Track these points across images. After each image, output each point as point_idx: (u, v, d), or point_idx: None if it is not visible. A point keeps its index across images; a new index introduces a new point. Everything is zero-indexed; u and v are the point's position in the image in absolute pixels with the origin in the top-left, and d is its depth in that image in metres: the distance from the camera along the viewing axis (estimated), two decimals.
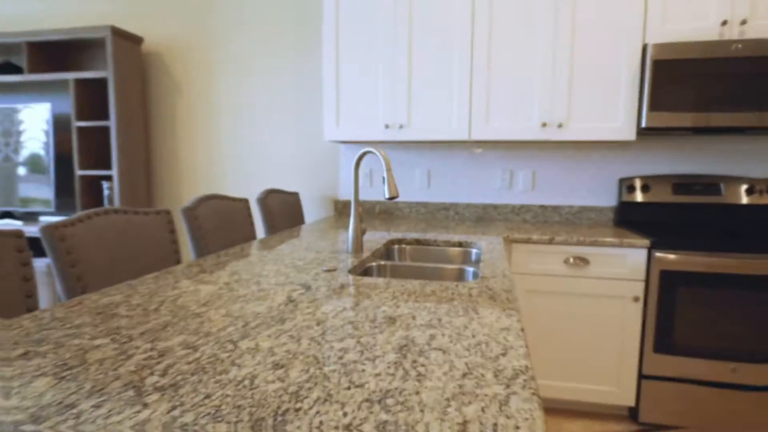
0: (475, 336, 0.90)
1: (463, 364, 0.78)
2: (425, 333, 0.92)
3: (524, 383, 0.71)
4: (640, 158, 2.64)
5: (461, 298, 1.14)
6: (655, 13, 2.26)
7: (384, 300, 1.13)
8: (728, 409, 2.10)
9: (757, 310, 2.04)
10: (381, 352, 0.83)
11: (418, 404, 0.65)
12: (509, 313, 1.04)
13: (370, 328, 0.94)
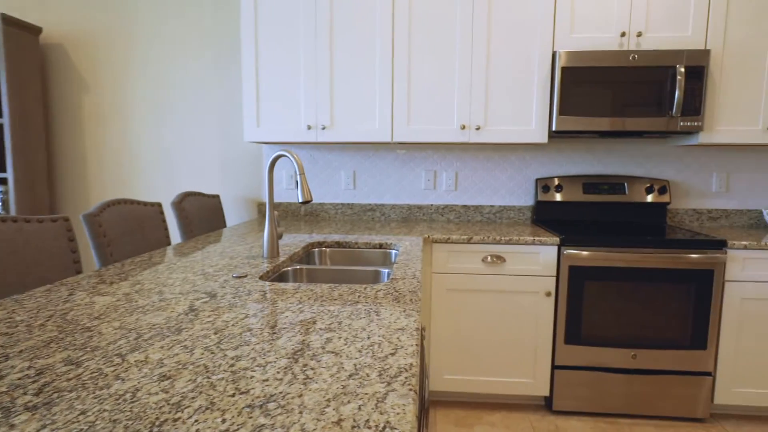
0: (370, 337, 0.92)
1: (352, 366, 0.79)
2: (322, 337, 0.93)
3: (405, 380, 0.74)
4: (554, 160, 2.80)
5: (366, 301, 1.16)
6: (563, 23, 2.40)
7: (289, 305, 1.13)
8: (630, 392, 2.27)
9: (653, 300, 2.22)
10: (274, 358, 0.83)
11: (298, 407, 0.66)
12: (409, 313, 1.07)
13: (268, 334, 0.94)
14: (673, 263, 2.19)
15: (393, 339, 0.92)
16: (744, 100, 2.39)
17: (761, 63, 2.37)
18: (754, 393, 2.26)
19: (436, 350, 2.33)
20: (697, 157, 2.75)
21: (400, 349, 0.87)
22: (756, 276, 2.20)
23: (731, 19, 2.35)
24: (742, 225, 2.75)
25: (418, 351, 0.88)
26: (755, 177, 2.75)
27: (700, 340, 2.23)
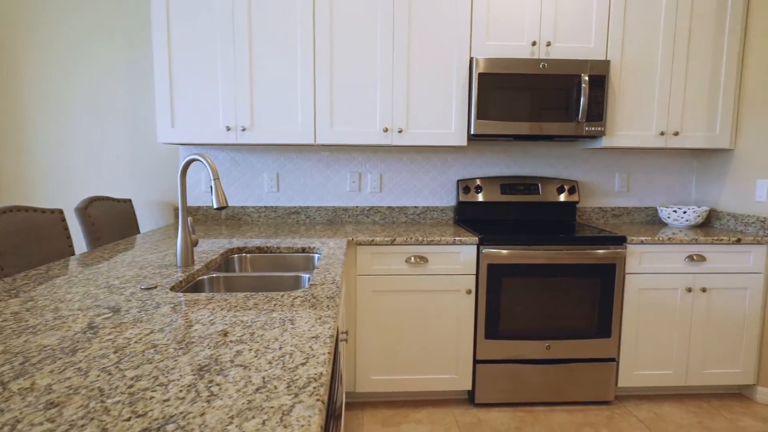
0: (282, 348, 0.91)
1: (260, 379, 0.78)
2: (232, 350, 0.90)
3: (313, 390, 0.73)
4: (474, 161, 2.90)
5: (282, 309, 1.14)
6: (479, 31, 2.49)
7: (200, 317, 1.08)
8: (546, 381, 2.41)
9: (564, 294, 2.37)
10: (178, 376, 0.79)
11: (199, 426, 0.64)
12: (324, 320, 1.06)
13: (174, 350, 0.90)
14: (581, 258, 2.35)
15: (306, 348, 0.91)
16: (639, 108, 2.61)
17: (653, 75, 2.60)
18: (651, 374, 2.48)
19: (363, 352, 2.34)
20: (601, 159, 2.97)
21: (311, 358, 0.86)
22: (651, 268, 2.41)
23: (627, 33, 2.56)
24: (641, 221, 3.01)
25: (330, 359, 0.88)
26: (651, 177, 3.01)
27: (605, 329, 2.41)
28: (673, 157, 3.00)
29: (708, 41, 2.60)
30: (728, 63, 2.61)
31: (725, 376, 2.51)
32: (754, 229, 2.54)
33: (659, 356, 2.47)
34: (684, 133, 2.65)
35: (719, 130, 2.66)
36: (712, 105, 2.64)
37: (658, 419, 2.34)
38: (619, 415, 2.38)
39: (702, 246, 2.42)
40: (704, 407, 2.47)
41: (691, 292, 2.44)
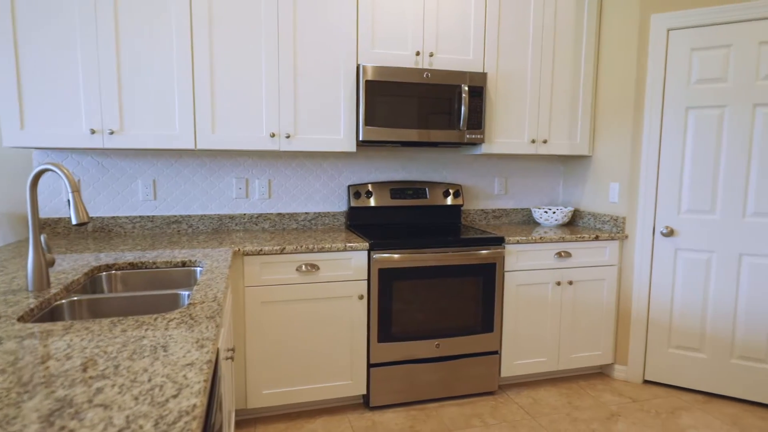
0: (151, 380, 0.83)
1: (123, 419, 0.70)
2: (92, 387, 0.80)
3: (184, 426, 0.67)
4: (365, 167, 2.93)
5: (155, 334, 1.05)
6: (365, 39, 2.52)
7: (55, 352, 0.95)
8: (436, 379, 2.51)
9: (451, 293, 2.48)
10: (20, 426, 0.68)
11: None
12: (202, 344, 0.99)
13: (17, 395, 0.77)
14: (466, 259, 2.49)
15: (179, 378, 0.83)
16: (514, 118, 2.83)
17: (524, 88, 2.83)
18: (529, 363, 2.69)
19: (253, 367, 2.24)
20: (483, 164, 3.17)
21: (185, 388, 0.79)
22: (526, 265, 2.62)
23: (501, 48, 2.76)
24: (518, 221, 3.26)
25: (206, 387, 0.82)
26: (526, 181, 3.28)
27: (489, 324, 2.57)
28: (543, 163, 3.30)
29: (569, 60, 2.89)
30: (585, 81, 2.93)
31: (589, 358, 2.81)
32: (609, 227, 2.88)
33: (535, 345, 2.70)
34: (552, 141, 2.92)
35: (579, 139, 2.97)
36: (573, 116, 2.95)
37: (535, 403, 2.55)
38: (503, 403, 2.55)
39: (568, 243, 2.68)
40: (573, 388, 2.74)
41: (560, 285, 2.69)
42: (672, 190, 2.64)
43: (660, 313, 2.72)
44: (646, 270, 2.72)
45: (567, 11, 2.85)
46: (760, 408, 2.53)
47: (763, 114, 2.41)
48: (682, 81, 2.57)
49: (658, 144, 2.64)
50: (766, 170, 2.42)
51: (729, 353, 2.58)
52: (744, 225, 2.49)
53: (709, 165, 2.54)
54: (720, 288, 2.57)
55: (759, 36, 2.39)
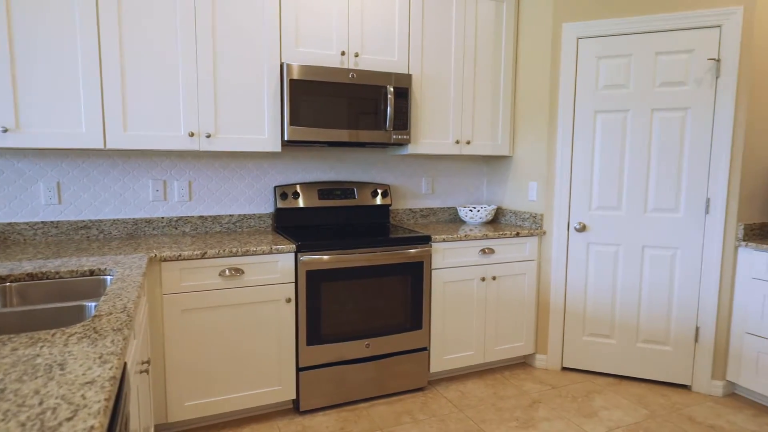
0: (43, 402, 0.75)
1: None
2: None
3: None
4: (291, 167, 2.88)
5: (52, 351, 0.96)
6: (289, 37, 2.47)
7: None
8: (367, 378, 2.51)
9: (380, 293, 2.50)
10: None
11: None
12: (106, 359, 0.92)
13: None
14: (394, 259, 2.51)
15: (76, 398, 0.77)
16: (438, 119, 2.90)
17: (448, 90, 2.90)
18: (457, 357, 2.77)
19: (174, 378, 2.13)
20: (410, 164, 3.22)
21: (82, 409, 0.73)
22: (452, 262, 2.69)
23: (426, 50, 2.81)
24: (445, 220, 3.35)
25: (108, 406, 0.76)
26: (452, 180, 3.37)
27: (417, 321, 2.61)
28: (468, 163, 3.40)
29: (490, 64, 3.00)
30: (505, 84, 3.06)
31: (513, 349, 2.94)
32: (529, 224, 3.03)
33: (462, 340, 2.78)
34: (475, 141, 3.02)
35: (501, 140, 3.10)
36: (494, 118, 3.07)
37: (463, 396, 2.63)
38: (432, 398, 2.60)
39: (491, 240, 2.78)
40: (498, 379, 2.85)
41: (485, 281, 2.79)
42: (584, 188, 2.82)
43: (575, 303, 2.89)
44: (563, 264, 2.89)
45: (487, 17, 2.96)
46: (662, 386, 2.76)
47: (660, 118, 2.63)
48: (590, 86, 2.75)
49: (571, 145, 2.81)
50: (663, 170, 2.65)
51: (635, 338, 2.80)
52: (645, 220, 2.71)
53: (615, 165, 2.74)
54: (626, 278, 2.78)
55: (655, 47, 2.61)
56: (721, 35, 2.48)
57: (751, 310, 2.51)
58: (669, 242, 2.68)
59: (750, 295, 2.52)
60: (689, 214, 2.63)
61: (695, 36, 2.53)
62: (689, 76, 2.56)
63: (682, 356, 2.71)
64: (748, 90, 2.47)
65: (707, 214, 2.59)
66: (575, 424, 2.37)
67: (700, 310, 2.65)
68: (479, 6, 2.93)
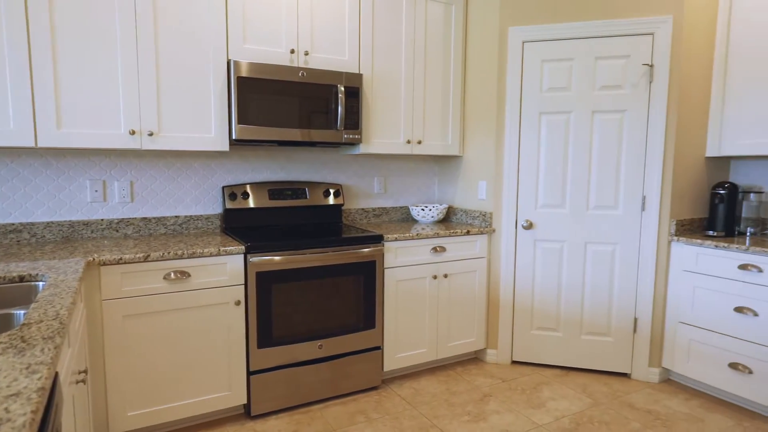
0: None
1: None
2: None
3: None
4: (240, 167, 2.81)
5: None
6: (236, 33, 2.41)
7: None
8: (320, 379, 2.49)
9: (333, 293, 2.48)
10: None
11: None
12: (35, 369, 0.86)
13: None
14: (346, 258, 2.50)
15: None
16: (390, 119, 2.91)
17: (399, 90, 2.92)
18: (410, 355, 2.79)
19: (116, 388, 2.03)
20: (362, 164, 3.22)
21: (4, 423, 0.68)
22: (405, 261, 2.72)
23: (376, 50, 2.82)
24: (398, 219, 3.37)
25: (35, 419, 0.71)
26: (404, 180, 3.39)
27: (370, 321, 2.61)
28: (420, 163, 3.44)
29: (440, 65, 3.05)
30: (455, 85, 3.12)
31: (465, 345, 2.99)
32: (479, 222, 3.09)
33: (415, 338, 2.80)
34: (426, 141, 3.06)
35: (451, 140, 3.15)
36: (445, 119, 3.12)
37: (416, 393, 2.65)
38: (386, 396, 2.61)
39: (442, 239, 2.83)
40: (451, 375, 2.90)
41: (437, 279, 2.83)
42: (530, 187, 2.91)
43: (524, 299, 2.98)
44: (511, 261, 2.98)
45: (436, 19, 3.00)
46: (604, 375, 2.90)
47: (600, 120, 2.76)
48: (535, 88, 2.84)
49: (518, 146, 2.90)
50: (603, 169, 2.78)
51: (579, 330, 2.92)
52: (588, 217, 2.83)
53: (559, 165, 2.85)
54: (571, 274, 2.89)
55: (595, 52, 2.73)
56: (654, 42, 2.63)
57: (683, 300, 2.68)
58: (609, 238, 2.81)
59: (682, 286, 2.68)
60: (627, 211, 2.77)
61: (631, 42, 2.67)
62: (626, 80, 2.70)
63: (622, 346, 2.85)
64: (677, 94, 2.63)
65: (643, 211, 2.74)
66: (524, 415, 2.44)
67: (638, 301, 2.80)
68: (429, 8, 2.97)
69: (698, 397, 2.64)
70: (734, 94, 2.70)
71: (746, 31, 2.64)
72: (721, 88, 2.75)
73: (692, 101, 2.72)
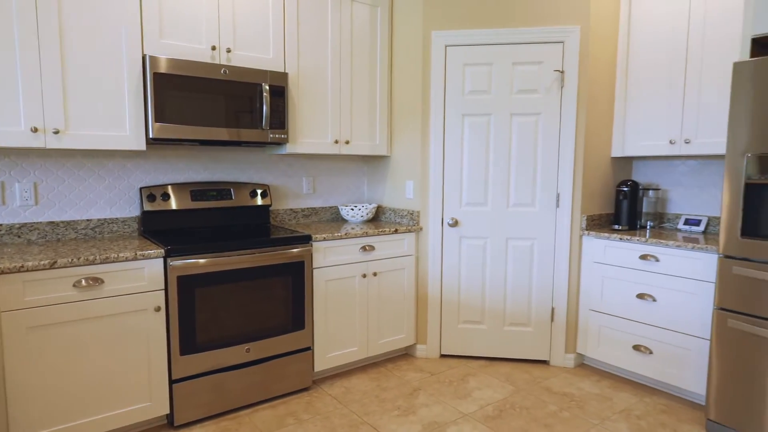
0: None
1: None
2: None
3: None
4: (159, 167, 2.69)
5: None
6: (152, 26, 2.31)
7: None
8: (248, 384, 2.44)
9: (260, 295, 2.44)
10: None
11: None
12: None
13: None
14: (273, 259, 2.47)
15: None
16: (317, 118, 2.90)
17: (325, 90, 2.92)
18: (341, 354, 2.80)
19: (19, 405, 1.87)
20: (290, 163, 3.18)
21: None
22: (334, 261, 2.72)
23: (302, 50, 2.80)
24: (327, 219, 3.36)
25: None
26: (333, 180, 3.39)
27: (300, 321, 2.59)
28: (349, 162, 3.46)
29: (366, 65, 3.08)
30: (381, 86, 3.16)
31: (395, 342, 3.05)
32: (407, 221, 3.16)
33: (346, 337, 2.82)
34: (354, 141, 3.08)
35: (379, 140, 3.20)
36: (372, 119, 3.16)
37: (347, 392, 2.67)
38: (317, 397, 2.61)
39: (371, 238, 2.86)
40: (382, 371, 2.94)
41: (366, 278, 2.86)
42: (455, 186, 3.02)
43: (451, 294, 3.09)
44: (438, 257, 3.07)
45: (362, 20, 3.04)
46: (526, 363, 3.06)
47: (517, 122, 2.91)
48: (458, 91, 2.95)
49: (443, 146, 3.00)
50: (522, 169, 2.93)
51: (502, 322, 3.06)
52: (508, 214, 2.98)
53: (482, 164, 2.97)
54: (494, 268, 3.03)
55: (512, 57, 2.88)
56: (564, 50, 2.82)
57: (594, 289, 2.89)
58: (528, 234, 2.98)
59: (592, 276, 2.90)
60: (543, 208, 2.95)
61: (544, 49, 2.85)
62: (540, 84, 2.87)
63: (541, 335, 3.03)
64: (586, 98, 2.83)
65: (558, 207, 2.93)
66: (451, 406, 2.53)
67: (554, 292, 2.98)
68: (354, 9, 3.00)
69: (608, 378, 2.86)
70: (633, 99, 2.96)
71: (643, 39, 2.89)
72: (624, 93, 3.00)
73: (599, 105, 2.94)
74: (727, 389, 2.20)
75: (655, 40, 2.83)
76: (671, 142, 2.77)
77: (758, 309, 2.09)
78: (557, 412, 2.47)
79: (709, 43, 2.60)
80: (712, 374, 2.26)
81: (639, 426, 2.35)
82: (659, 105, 2.83)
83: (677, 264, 2.52)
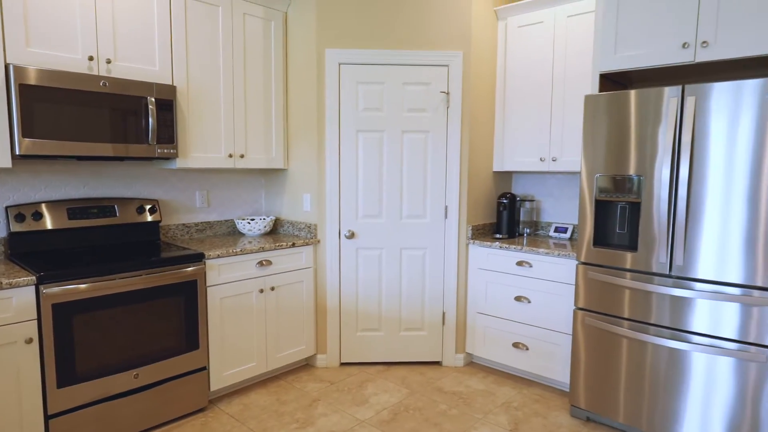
0: None
1: None
2: None
3: None
4: (30, 184, 2.47)
5: None
6: (16, 34, 2.12)
7: None
8: (139, 410, 2.34)
9: (148, 318, 2.35)
10: None
11: None
12: None
13: None
14: (163, 280, 2.38)
15: None
16: (209, 132, 2.85)
17: (218, 103, 2.87)
18: (239, 371, 2.78)
19: None
20: (181, 177, 3.08)
21: None
22: (229, 278, 2.69)
23: (191, 62, 2.73)
24: (223, 233, 3.30)
25: None
26: (228, 193, 3.34)
27: (193, 341, 2.53)
28: (245, 175, 3.41)
29: (260, 79, 3.08)
30: (276, 100, 3.17)
31: (295, 353, 3.08)
32: (304, 233, 3.20)
33: (244, 353, 2.80)
34: (249, 155, 3.06)
35: (275, 153, 3.20)
36: (268, 133, 3.15)
37: (245, 408, 2.65)
38: (213, 417, 2.56)
39: (268, 252, 2.87)
40: (282, 384, 2.96)
41: (263, 293, 2.86)
42: (351, 200, 3.12)
43: (349, 303, 3.18)
44: (336, 269, 3.15)
45: (255, 33, 3.02)
46: (421, 366, 3.25)
47: (408, 139, 3.08)
48: (352, 108, 3.05)
49: (338, 161, 3.08)
50: (413, 183, 3.11)
51: (398, 328, 3.22)
52: (402, 225, 3.14)
53: (376, 178, 3.10)
54: (389, 277, 3.18)
55: (403, 78, 3.04)
56: (449, 73, 3.04)
57: (479, 293, 3.15)
58: (420, 243, 3.16)
59: (478, 281, 3.15)
60: (433, 219, 3.15)
61: (432, 72, 3.04)
62: (428, 104, 3.06)
63: (434, 338, 3.23)
64: (469, 118, 3.08)
65: (446, 218, 3.14)
66: (349, 413, 2.62)
67: (445, 297, 3.20)
68: (247, 21, 2.98)
69: (493, 374, 3.13)
70: (510, 119, 3.26)
71: (517, 67, 3.20)
72: (502, 114, 3.30)
73: (482, 124, 3.21)
74: (587, 378, 2.53)
75: (527, 67, 3.15)
76: (542, 159, 3.10)
77: (609, 308, 2.43)
78: (446, 411, 2.66)
79: (571, 74, 2.95)
80: (574, 366, 2.58)
81: (516, 416, 2.61)
82: (531, 126, 3.15)
83: (546, 269, 2.83)
